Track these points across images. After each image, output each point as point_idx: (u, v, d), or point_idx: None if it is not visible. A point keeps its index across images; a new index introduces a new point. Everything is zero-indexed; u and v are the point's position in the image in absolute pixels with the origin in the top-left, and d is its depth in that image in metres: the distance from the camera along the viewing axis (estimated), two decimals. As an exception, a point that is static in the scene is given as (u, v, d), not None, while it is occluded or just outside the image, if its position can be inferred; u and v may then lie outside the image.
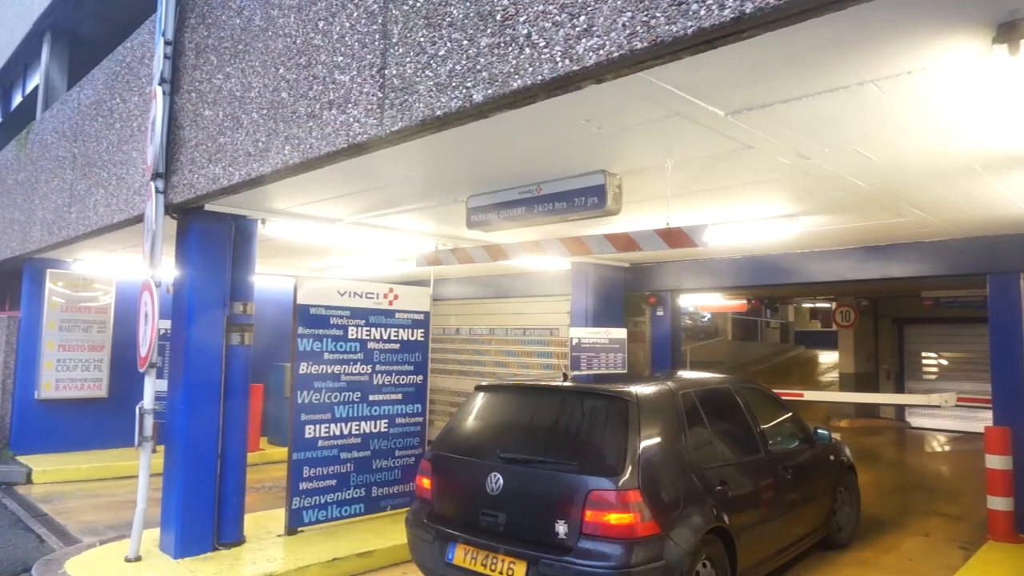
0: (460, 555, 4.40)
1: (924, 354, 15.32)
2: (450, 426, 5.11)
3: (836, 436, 6.55)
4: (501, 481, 4.34)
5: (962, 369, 14.48)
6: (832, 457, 6.28)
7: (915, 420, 15.02)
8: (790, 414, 6.03)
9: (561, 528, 4.02)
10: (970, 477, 9.14)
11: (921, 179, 4.67)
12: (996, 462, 6.32)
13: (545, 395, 4.98)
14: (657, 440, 4.31)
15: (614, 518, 3.89)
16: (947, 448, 13.00)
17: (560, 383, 5.13)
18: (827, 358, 21.17)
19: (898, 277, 7.55)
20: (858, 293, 14.60)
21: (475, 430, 5.00)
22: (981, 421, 7.09)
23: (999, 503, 6.30)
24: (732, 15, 2.28)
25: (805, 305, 21.93)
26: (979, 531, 6.69)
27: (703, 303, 16.72)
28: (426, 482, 4.87)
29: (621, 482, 3.95)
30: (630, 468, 4.01)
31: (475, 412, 5.06)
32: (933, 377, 15.15)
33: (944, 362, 15.03)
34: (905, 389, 15.38)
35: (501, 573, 4.17)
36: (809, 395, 12.87)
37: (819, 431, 6.12)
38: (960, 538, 6.73)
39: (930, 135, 3.71)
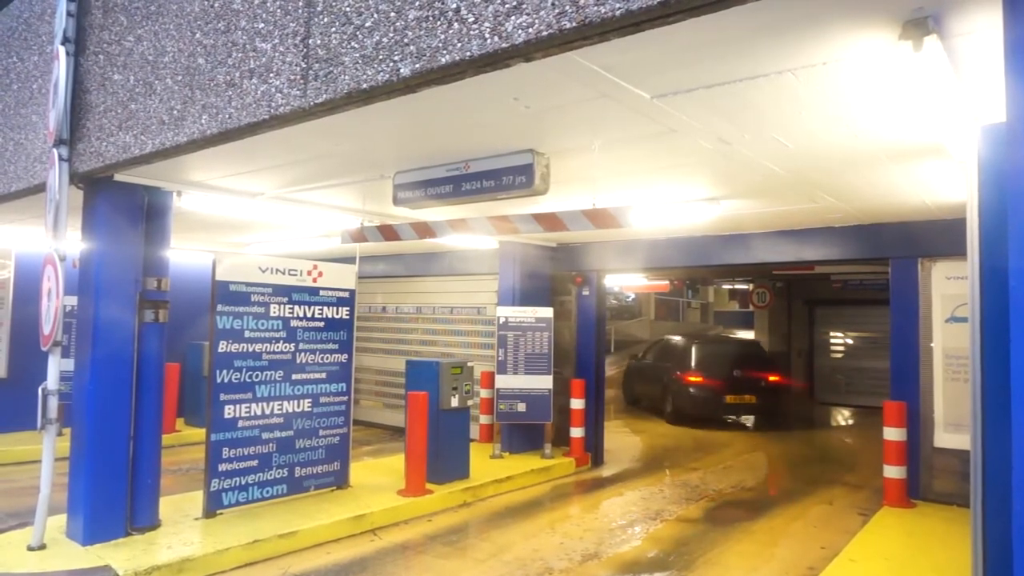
0: (728, 399, 11.93)
1: (832, 333, 16.15)
2: (693, 357, 12.41)
3: None
4: (739, 374, 12.04)
5: (866, 348, 15.36)
6: None
7: (822, 396, 15.90)
8: None
9: (762, 384, 12.12)
10: (868, 449, 9.75)
11: (832, 167, 4.89)
12: (892, 434, 6.77)
13: (734, 343, 15.72)
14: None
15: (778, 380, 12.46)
16: (851, 421, 13.84)
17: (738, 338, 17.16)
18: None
19: (811, 260, 7.96)
20: (774, 275, 15.26)
21: (709, 357, 12.50)
22: (881, 396, 7.56)
23: (894, 472, 6.76)
24: (659, -1, 2.30)
25: (725, 286, 22.74)
26: (877, 498, 7.17)
27: (627, 283, 17.08)
28: (694, 378, 12.12)
29: (779, 372, 12.58)
30: (780, 366, 13.01)
31: (698, 350, 12.59)
32: (840, 356, 16.01)
33: (850, 341, 15.89)
34: (814, 368, 16.21)
35: (746, 399, 12.02)
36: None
37: None
38: (860, 505, 7.21)
39: (841, 125, 3.89)
